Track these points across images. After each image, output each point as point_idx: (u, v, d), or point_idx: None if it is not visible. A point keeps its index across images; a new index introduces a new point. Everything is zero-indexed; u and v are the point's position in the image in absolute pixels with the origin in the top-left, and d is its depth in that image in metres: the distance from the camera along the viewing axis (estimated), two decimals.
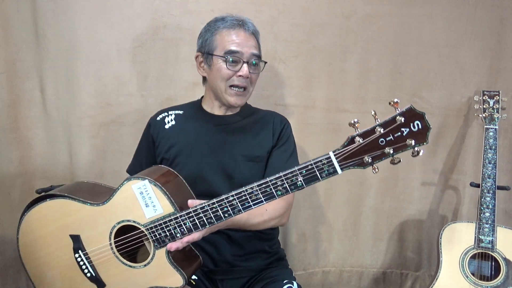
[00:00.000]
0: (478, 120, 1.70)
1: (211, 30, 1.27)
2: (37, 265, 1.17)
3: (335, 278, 1.94)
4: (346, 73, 1.75)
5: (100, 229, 1.10)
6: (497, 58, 1.73)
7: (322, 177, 0.90)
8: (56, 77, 1.60)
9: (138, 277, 1.09)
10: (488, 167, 1.57)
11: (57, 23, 1.56)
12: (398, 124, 0.83)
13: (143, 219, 1.06)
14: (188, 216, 1.01)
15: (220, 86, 1.25)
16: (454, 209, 1.87)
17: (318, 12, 1.69)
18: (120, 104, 1.66)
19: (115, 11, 1.60)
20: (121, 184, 1.08)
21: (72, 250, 1.12)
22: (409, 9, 1.70)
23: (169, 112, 1.36)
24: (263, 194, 0.94)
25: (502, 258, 1.49)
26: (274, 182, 0.92)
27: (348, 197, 1.87)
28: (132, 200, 1.06)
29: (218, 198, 0.98)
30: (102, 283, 1.13)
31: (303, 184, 0.91)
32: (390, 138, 0.84)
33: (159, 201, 1.04)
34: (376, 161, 0.86)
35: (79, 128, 1.65)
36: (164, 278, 1.08)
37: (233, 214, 0.98)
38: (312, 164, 0.89)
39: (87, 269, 1.13)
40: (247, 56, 1.23)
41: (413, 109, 0.83)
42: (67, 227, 1.13)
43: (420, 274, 1.93)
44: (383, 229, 1.91)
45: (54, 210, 1.14)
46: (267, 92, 1.73)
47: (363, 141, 0.85)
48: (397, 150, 0.85)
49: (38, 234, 1.15)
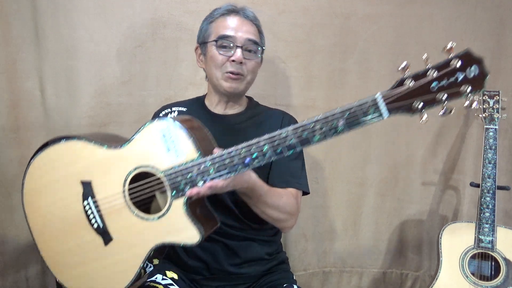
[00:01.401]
0: (478, 120, 1.70)
1: (208, 19, 1.25)
2: (40, 215, 1.08)
3: (336, 278, 1.94)
4: (346, 73, 1.75)
5: (115, 175, 1.01)
6: (497, 58, 1.73)
7: (366, 121, 0.82)
8: (56, 77, 1.60)
9: (150, 230, 0.99)
10: (488, 167, 1.57)
11: (57, 23, 1.56)
12: (453, 68, 0.76)
13: (163, 165, 0.97)
14: (213, 162, 0.92)
15: (215, 74, 1.21)
16: (454, 209, 1.87)
17: (318, 12, 1.69)
18: (120, 104, 1.66)
19: (115, 11, 1.60)
20: (143, 126, 0.99)
21: (81, 197, 1.03)
22: (409, 9, 1.70)
23: (172, 108, 1.32)
24: (298, 139, 0.86)
25: (502, 258, 1.49)
26: (312, 125, 0.85)
27: (348, 197, 1.87)
28: (153, 143, 0.97)
29: (247, 143, 0.90)
30: (109, 236, 1.02)
31: (344, 128, 0.84)
32: (443, 83, 0.77)
33: (183, 145, 0.95)
34: (427, 107, 0.79)
35: (79, 128, 1.65)
36: (178, 232, 0.97)
37: (264, 160, 0.89)
38: (356, 106, 0.82)
39: (94, 219, 1.03)
40: (241, 41, 1.18)
41: (471, 53, 0.76)
42: (79, 173, 1.04)
43: (420, 274, 1.93)
44: (383, 229, 1.91)
45: (67, 152, 1.06)
46: (267, 92, 1.72)
47: (413, 84, 0.78)
48: (451, 96, 0.77)
49: (47, 179, 1.07)
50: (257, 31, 1.25)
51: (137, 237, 1.01)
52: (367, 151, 1.83)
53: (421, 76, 0.79)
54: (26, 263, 1.70)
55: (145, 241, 1.00)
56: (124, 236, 1.02)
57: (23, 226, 1.66)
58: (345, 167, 1.83)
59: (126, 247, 1.02)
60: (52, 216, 1.07)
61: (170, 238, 0.98)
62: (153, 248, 1.00)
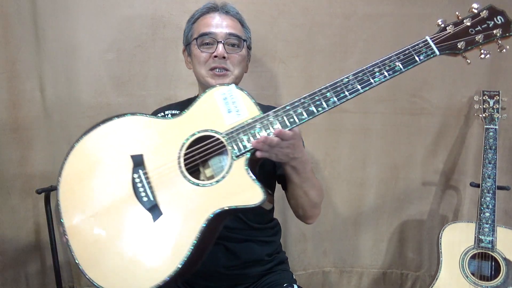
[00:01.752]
0: (478, 120, 1.70)
1: (190, 21, 1.26)
2: (80, 202, 0.96)
3: (335, 278, 1.93)
4: (346, 73, 1.73)
5: (170, 144, 0.96)
6: (497, 58, 1.73)
7: (420, 59, 0.93)
8: (56, 77, 1.60)
9: (206, 197, 0.92)
10: (488, 167, 1.57)
11: (57, 23, 1.56)
12: (483, 17, 0.93)
13: (224, 127, 0.94)
14: (276, 115, 0.93)
15: (201, 72, 1.21)
16: (454, 209, 1.87)
17: (318, 12, 1.69)
18: (120, 104, 1.66)
19: (115, 11, 1.60)
20: (202, 94, 0.99)
21: (130, 171, 0.95)
22: (409, 9, 1.70)
23: (165, 112, 1.30)
24: (359, 82, 0.92)
25: (502, 258, 1.49)
26: (371, 69, 0.93)
27: (348, 197, 1.87)
28: (212, 108, 0.95)
29: (310, 92, 0.93)
30: (159, 210, 0.93)
31: (401, 68, 0.92)
32: (478, 28, 0.93)
33: (245, 105, 0.94)
34: (469, 47, 0.94)
35: (79, 128, 1.64)
36: (239, 193, 0.91)
37: (327, 107, 0.92)
38: (409, 48, 0.94)
39: (144, 192, 0.94)
40: (222, 36, 1.18)
41: (494, 7, 0.94)
42: (129, 147, 0.97)
43: (421, 274, 1.93)
44: (383, 229, 1.91)
45: (117, 129, 0.98)
46: (267, 92, 1.73)
47: (454, 28, 0.95)
48: (487, 38, 0.93)
49: (92, 160, 0.97)
50: (240, 25, 1.24)
51: (191, 207, 0.92)
52: (367, 151, 1.83)
53: (459, 23, 0.96)
54: (25, 262, 1.70)
55: (201, 210, 0.91)
56: (176, 208, 0.93)
57: (23, 226, 1.67)
58: (345, 167, 1.83)
59: (178, 220, 0.92)
60: (93, 200, 0.95)
61: (231, 201, 0.91)
62: (210, 217, 0.90)
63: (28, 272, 1.70)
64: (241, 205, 0.91)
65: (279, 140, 0.92)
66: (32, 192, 1.60)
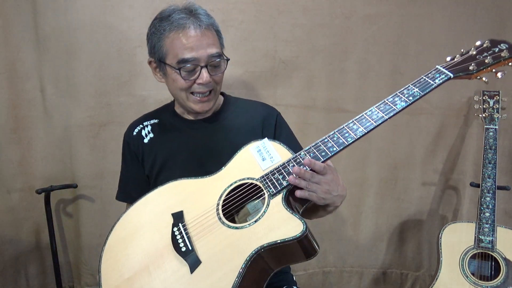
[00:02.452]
0: (478, 120, 1.70)
1: (157, 33, 1.10)
2: (121, 267, 0.96)
3: (336, 278, 1.94)
4: (346, 73, 1.75)
5: (209, 196, 0.99)
6: None
7: (435, 83, 0.98)
8: (56, 77, 1.60)
9: (245, 239, 0.90)
10: (488, 167, 1.57)
11: (57, 23, 1.56)
12: (487, 47, 0.99)
13: (258, 173, 0.99)
14: (308, 152, 0.97)
15: (180, 95, 1.13)
16: (454, 209, 1.87)
17: (318, 12, 1.69)
18: (120, 104, 1.66)
19: (115, 11, 1.60)
20: (238, 151, 1.05)
21: (170, 226, 0.97)
22: (409, 9, 1.70)
23: (144, 124, 1.25)
24: (383, 111, 0.97)
25: (502, 258, 1.49)
26: (392, 100, 0.99)
27: (348, 197, 1.83)
28: (248, 160, 1.01)
29: (338, 128, 0.98)
30: (197, 259, 0.91)
31: (420, 93, 0.97)
32: (485, 54, 0.98)
33: (277, 151, 1.00)
34: (481, 68, 0.96)
35: (79, 128, 1.65)
36: (279, 228, 0.89)
37: (356, 136, 0.95)
38: (424, 77, 0.99)
39: (183, 243, 0.93)
40: (204, 59, 1.07)
41: (494, 39, 1.00)
42: (170, 207, 1.00)
43: (420, 274, 1.93)
44: (383, 229, 1.91)
45: (160, 195, 1.03)
46: (267, 92, 1.73)
47: (461, 57, 1.00)
48: (496, 59, 0.96)
49: (135, 225, 1.00)
50: (216, 36, 1.12)
51: (230, 251, 0.90)
52: (367, 151, 1.83)
53: (465, 53, 1.01)
54: (26, 263, 1.70)
55: (241, 251, 0.89)
56: (214, 255, 0.91)
57: (23, 226, 1.67)
58: (345, 167, 1.83)
59: (218, 266, 0.90)
60: (132, 262, 0.96)
61: (270, 238, 0.88)
62: (250, 256, 0.87)
63: (28, 272, 1.71)
64: (281, 239, 0.87)
65: (312, 172, 0.93)
66: (32, 192, 1.61)
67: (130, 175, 1.27)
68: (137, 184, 1.24)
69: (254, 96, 1.70)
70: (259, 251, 0.87)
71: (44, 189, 1.58)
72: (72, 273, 1.79)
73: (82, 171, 1.68)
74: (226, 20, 1.63)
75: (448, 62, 1.01)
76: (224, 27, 1.64)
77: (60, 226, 1.74)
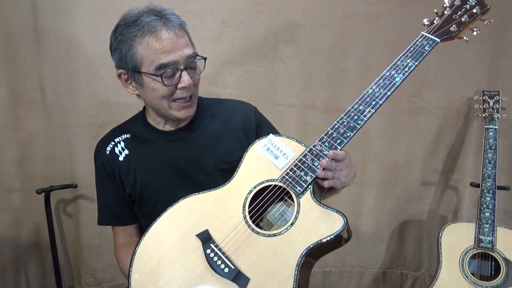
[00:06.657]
0: (478, 120, 1.70)
1: (126, 41, 1.03)
2: None
3: (336, 278, 1.94)
4: (346, 73, 1.75)
5: (230, 209, 0.94)
6: (497, 58, 1.73)
7: (426, 50, 1.01)
8: (56, 77, 1.60)
9: (288, 244, 0.87)
10: (488, 167, 1.57)
11: (57, 23, 1.56)
12: (458, 4, 1.05)
13: (277, 173, 0.96)
14: (321, 142, 0.97)
15: (162, 104, 1.06)
16: (454, 209, 1.87)
17: (318, 12, 1.69)
18: (120, 104, 1.66)
19: (115, 11, 1.59)
20: (244, 155, 1.02)
21: (201, 250, 0.91)
22: (409, 9, 1.70)
23: (115, 140, 1.17)
24: (385, 87, 0.99)
25: (502, 258, 1.49)
26: (388, 73, 1.00)
27: (348, 197, 1.87)
28: (260, 161, 0.98)
29: (344, 112, 0.98)
30: (244, 276, 0.86)
31: (414, 63, 1.00)
32: (460, 13, 1.04)
33: (288, 146, 0.98)
34: (462, 27, 1.03)
35: (79, 128, 1.65)
36: (319, 226, 0.88)
37: (365, 118, 0.96)
38: (413, 46, 1.03)
39: (223, 264, 0.88)
40: (183, 61, 1.02)
41: None
42: (191, 229, 0.94)
43: (420, 274, 1.93)
44: (383, 229, 1.91)
45: (173, 218, 0.97)
46: (267, 92, 1.73)
47: (440, 19, 1.05)
48: (471, 16, 1.02)
49: (158, 255, 0.93)
50: (186, 35, 1.06)
51: (277, 259, 0.87)
52: (367, 151, 1.83)
53: (442, 15, 1.07)
54: (26, 263, 1.70)
55: (288, 257, 0.86)
56: (261, 267, 0.87)
57: (23, 226, 1.67)
58: None
59: (268, 278, 0.86)
60: None
61: (315, 236, 0.87)
62: (300, 260, 0.86)
63: (28, 272, 1.70)
64: (326, 236, 0.86)
65: (336, 156, 0.94)
66: (32, 192, 1.60)
67: (111, 196, 1.18)
68: (122, 204, 1.18)
69: (254, 96, 1.70)
70: (307, 253, 0.87)
71: (44, 189, 1.58)
72: (72, 273, 1.79)
73: (82, 171, 1.68)
74: (226, 20, 1.63)
75: (430, 26, 1.05)
76: (224, 27, 1.64)
77: (60, 226, 1.74)
